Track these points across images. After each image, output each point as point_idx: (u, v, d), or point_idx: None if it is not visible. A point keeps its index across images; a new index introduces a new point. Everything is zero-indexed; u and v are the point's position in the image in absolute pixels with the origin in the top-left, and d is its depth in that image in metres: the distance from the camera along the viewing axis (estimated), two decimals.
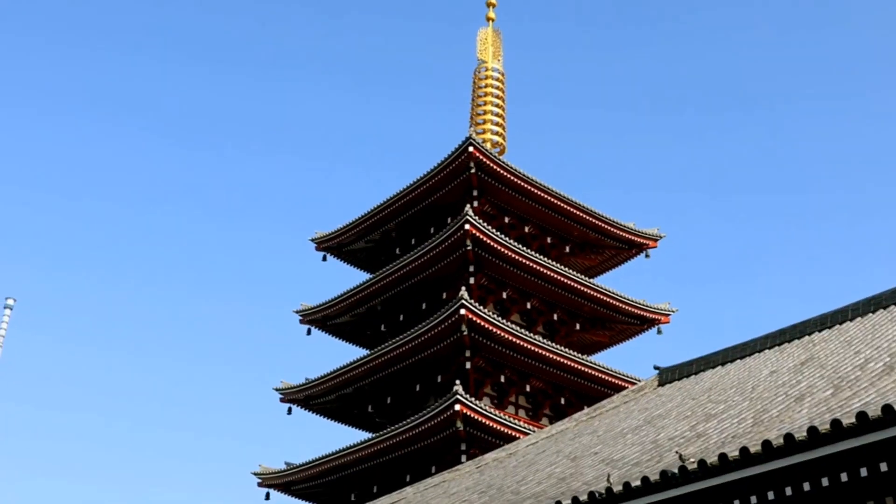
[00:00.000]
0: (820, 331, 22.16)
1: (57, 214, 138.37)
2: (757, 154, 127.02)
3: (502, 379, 47.33)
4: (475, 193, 48.72)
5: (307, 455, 51.06)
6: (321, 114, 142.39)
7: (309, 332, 54.35)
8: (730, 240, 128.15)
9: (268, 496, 51.64)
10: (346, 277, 65.74)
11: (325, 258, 55.49)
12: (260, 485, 51.17)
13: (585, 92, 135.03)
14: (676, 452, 12.33)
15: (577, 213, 50.95)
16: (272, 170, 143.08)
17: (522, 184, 49.16)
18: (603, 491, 12.23)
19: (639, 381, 39.78)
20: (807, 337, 22.29)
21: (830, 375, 16.00)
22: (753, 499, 11.02)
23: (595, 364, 47.35)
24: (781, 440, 10.57)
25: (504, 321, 44.74)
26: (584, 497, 12.40)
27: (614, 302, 50.14)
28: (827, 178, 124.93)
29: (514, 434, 41.27)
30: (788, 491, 10.73)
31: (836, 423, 10.19)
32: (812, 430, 10.34)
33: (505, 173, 48.62)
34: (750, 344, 23.77)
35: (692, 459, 11.82)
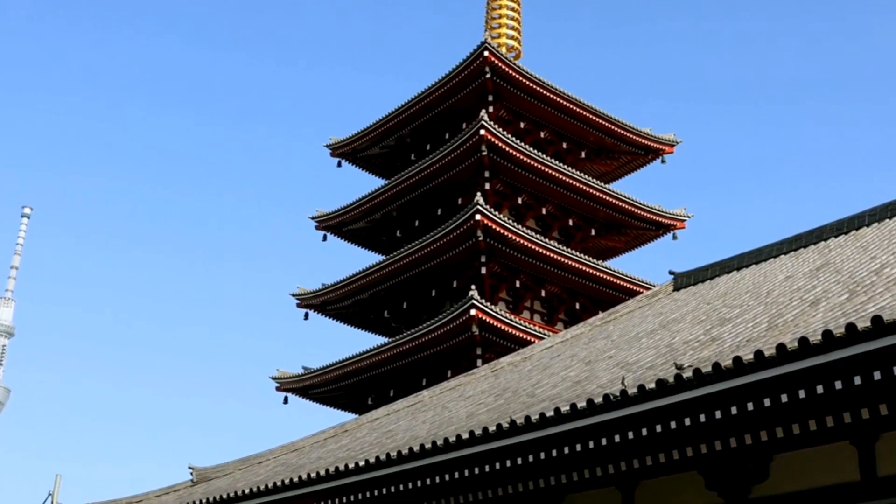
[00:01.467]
0: (836, 236, 22.15)
1: (73, 117, 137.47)
2: (772, 63, 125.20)
3: (517, 284, 47.53)
4: (490, 98, 48.27)
5: (324, 360, 51.42)
6: (338, 19, 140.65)
7: (325, 238, 54.50)
8: (746, 147, 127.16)
9: (286, 400, 52.41)
10: (361, 183, 65.83)
11: (340, 164, 55.30)
12: (278, 389, 51.88)
13: None
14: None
15: (593, 118, 50.51)
16: (289, 78, 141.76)
17: (538, 89, 48.65)
18: (618, 394, 12.32)
19: (654, 286, 39.94)
20: (822, 242, 22.29)
21: (846, 280, 16.02)
22: (767, 401, 11.10)
23: (610, 269, 47.46)
24: (796, 344, 10.60)
25: (519, 226, 44.73)
26: (599, 399, 12.51)
27: (630, 207, 50.02)
28: (845, 87, 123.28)
29: (529, 338, 41.57)
30: (802, 394, 10.81)
31: (850, 326, 10.21)
32: (827, 333, 10.37)
33: (520, 78, 48.10)
34: (765, 249, 23.80)
35: (707, 363, 11.90)
